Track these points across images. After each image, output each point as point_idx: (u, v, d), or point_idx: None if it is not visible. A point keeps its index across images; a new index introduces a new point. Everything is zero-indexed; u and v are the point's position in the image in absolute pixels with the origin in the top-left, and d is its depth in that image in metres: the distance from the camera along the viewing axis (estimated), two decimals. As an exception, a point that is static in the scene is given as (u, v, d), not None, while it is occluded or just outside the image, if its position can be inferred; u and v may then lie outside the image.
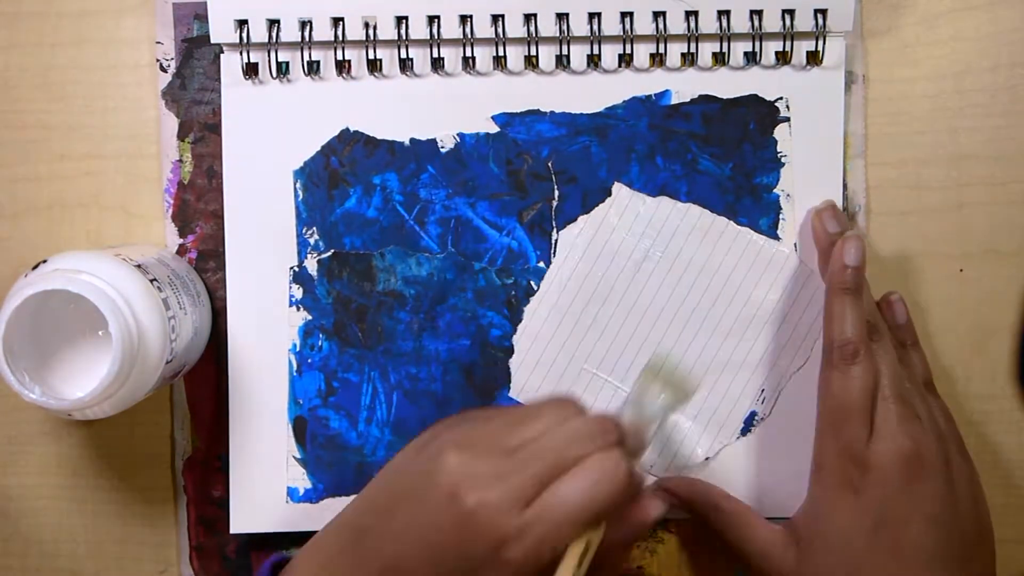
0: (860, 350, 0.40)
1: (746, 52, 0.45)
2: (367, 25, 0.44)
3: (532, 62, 0.45)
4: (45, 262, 0.39)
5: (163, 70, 0.46)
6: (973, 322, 0.47)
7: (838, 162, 0.46)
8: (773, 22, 0.44)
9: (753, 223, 0.46)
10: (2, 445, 0.47)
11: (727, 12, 0.44)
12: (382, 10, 0.44)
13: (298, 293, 0.46)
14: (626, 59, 0.45)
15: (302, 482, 0.46)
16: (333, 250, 0.46)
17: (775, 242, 0.46)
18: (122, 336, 0.37)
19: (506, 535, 0.33)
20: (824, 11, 0.44)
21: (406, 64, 0.45)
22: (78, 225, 0.46)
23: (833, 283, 0.42)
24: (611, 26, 0.44)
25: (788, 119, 0.46)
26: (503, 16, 0.44)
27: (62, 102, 0.46)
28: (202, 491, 0.47)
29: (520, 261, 0.46)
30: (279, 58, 0.45)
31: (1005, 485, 0.47)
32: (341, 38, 0.44)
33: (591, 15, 0.44)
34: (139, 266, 0.40)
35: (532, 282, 0.46)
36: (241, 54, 0.45)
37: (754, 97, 0.46)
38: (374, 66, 0.45)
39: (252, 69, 0.45)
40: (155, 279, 0.40)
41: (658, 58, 0.45)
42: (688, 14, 0.44)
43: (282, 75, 0.45)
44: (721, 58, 0.45)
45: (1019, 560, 0.47)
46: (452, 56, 0.45)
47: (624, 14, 0.44)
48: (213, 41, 0.44)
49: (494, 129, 0.46)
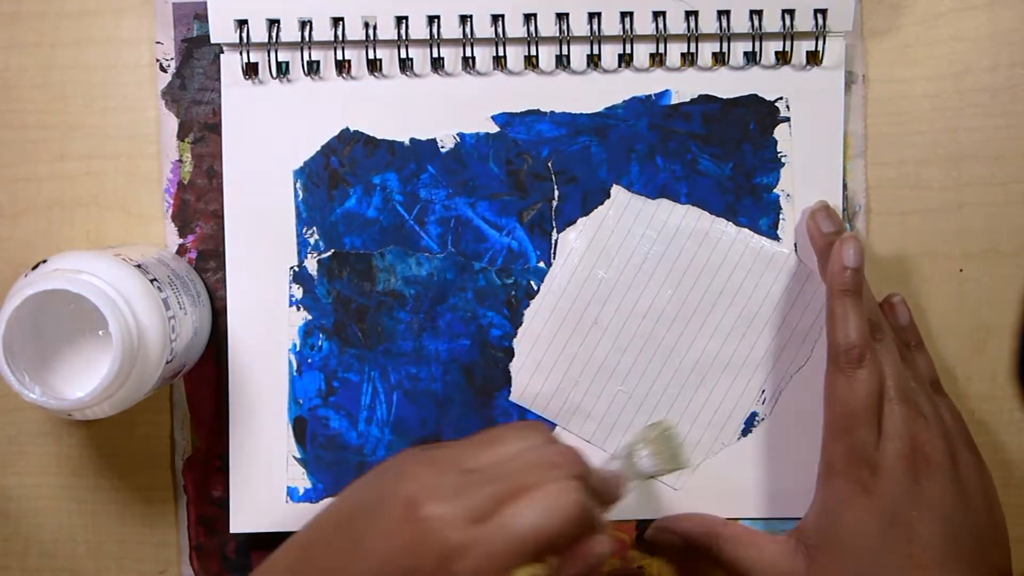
0: (865, 353, 0.40)
1: (746, 52, 0.45)
2: (367, 25, 0.44)
3: (532, 62, 0.45)
4: (45, 262, 0.39)
5: (163, 70, 0.46)
6: (973, 322, 0.47)
7: (838, 162, 0.46)
8: (773, 22, 0.44)
9: (753, 223, 0.46)
10: (2, 445, 0.47)
11: (727, 12, 0.44)
12: (382, 10, 0.44)
13: (298, 293, 0.46)
14: (626, 59, 0.45)
15: (302, 482, 0.46)
16: (333, 250, 0.46)
17: (775, 243, 0.46)
18: (122, 336, 0.37)
19: (455, 548, 0.33)
20: (824, 11, 0.44)
21: (406, 64, 0.45)
22: (78, 225, 0.46)
23: (834, 286, 0.42)
24: (611, 26, 0.44)
25: (788, 119, 0.46)
26: (503, 16, 0.44)
27: (62, 102, 0.46)
28: (202, 491, 0.47)
29: (520, 261, 0.46)
30: (279, 58, 0.45)
31: (1005, 485, 0.47)
32: (341, 38, 0.44)
33: (591, 15, 0.44)
34: (139, 266, 0.40)
35: (532, 282, 0.46)
36: (241, 54, 0.45)
37: (754, 97, 0.46)
38: (374, 66, 0.45)
39: (252, 69, 0.45)
40: (155, 279, 0.40)
41: (658, 58, 0.45)
42: (688, 14, 0.44)
43: (282, 75, 0.45)
44: (721, 58, 0.45)
45: (1022, 560, 0.47)
46: (452, 56, 0.45)
47: (624, 14, 0.44)
48: (213, 41, 0.44)
49: (494, 129, 0.46)
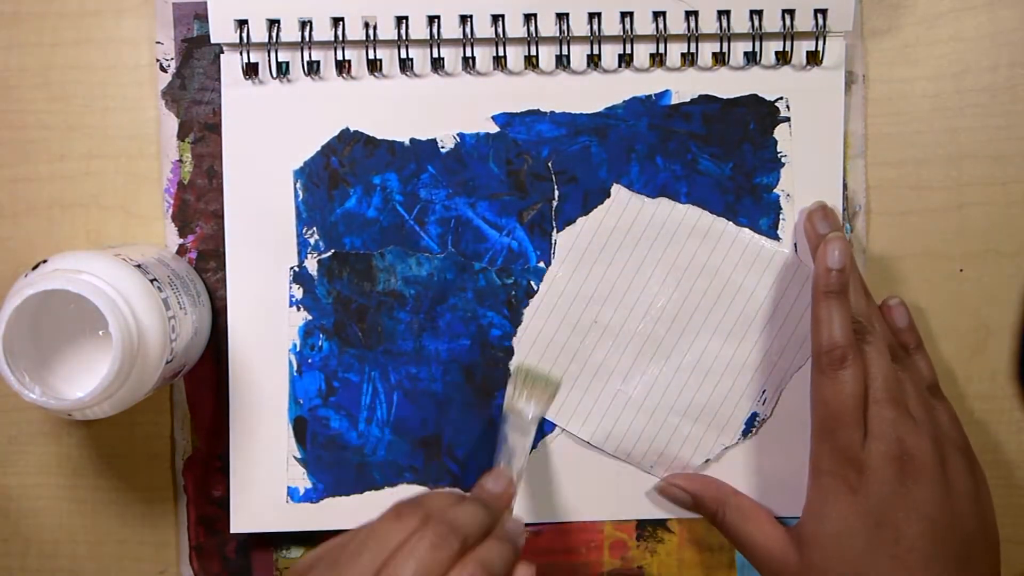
0: (848, 355, 0.40)
1: (746, 52, 0.45)
2: (367, 25, 0.44)
3: (532, 62, 0.45)
4: (45, 262, 0.39)
5: (163, 70, 0.46)
6: (973, 322, 0.47)
7: (838, 162, 0.46)
8: (773, 22, 0.44)
9: (753, 223, 0.46)
10: (2, 445, 0.47)
11: (727, 12, 0.44)
12: (382, 10, 0.44)
13: (298, 293, 0.46)
14: (626, 59, 0.45)
15: (302, 482, 0.46)
16: (333, 250, 0.46)
17: (775, 243, 0.46)
18: (122, 336, 0.37)
19: None
20: (824, 11, 0.44)
21: (406, 64, 0.45)
22: (78, 225, 0.46)
23: (817, 287, 0.42)
24: (611, 26, 0.44)
25: (788, 119, 0.46)
26: (503, 16, 0.44)
27: (62, 102, 0.46)
28: (202, 491, 0.47)
29: (520, 261, 0.46)
30: (279, 58, 0.45)
31: (1005, 485, 0.47)
32: (341, 38, 0.44)
33: (591, 15, 0.44)
34: (139, 266, 0.40)
35: (532, 282, 0.46)
36: (241, 54, 0.45)
37: (754, 97, 0.46)
38: (374, 66, 0.45)
39: (252, 69, 0.45)
40: (155, 279, 0.40)
41: (658, 58, 0.45)
42: (688, 14, 0.44)
43: (282, 75, 0.45)
44: (721, 58, 0.45)
45: (1020, 560, 0.47)
46: (452, 56, 0.45)
47: (624, 14, 0.44)
48: (213, 41, 0.44)
49: (494, 129, 0.46)
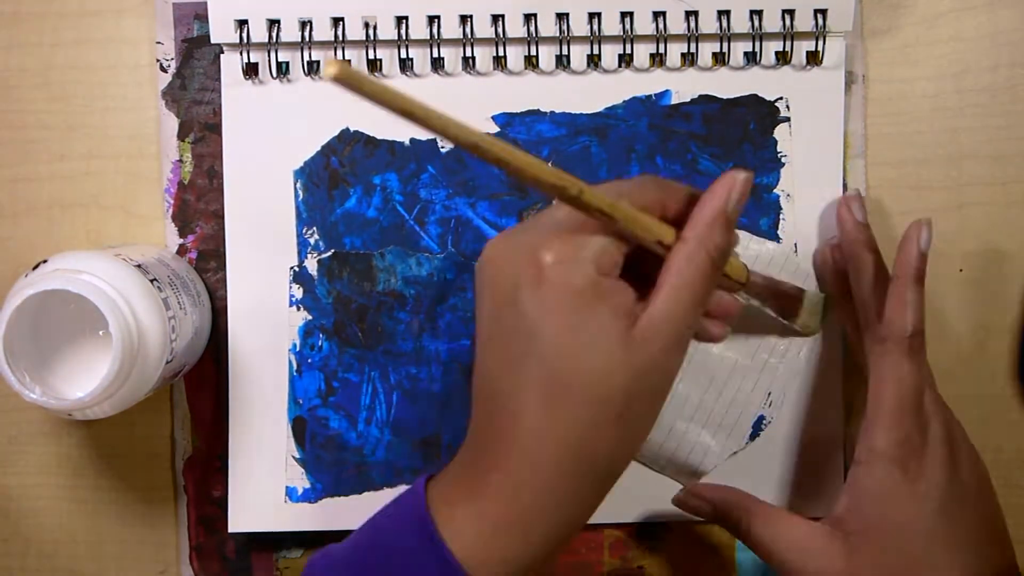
0: (925, 340, 0.40)
1: (746, 52, 0.45)
2: (367, 25, 0.44)
3: (532, 62, 0.45)
4: (45, 262, 0.39)
5: (163, 70, 0.46)
6: (973, 322, 0.47)
7: (838, 162, 0.46)
8: (773, 22, 0.44)
9: (753, 223, 0.46)
10: (2, 445, 0.47)
11: (727, 12, 0.44)
12: (382, 10, 0.44)
13: (298, 293, 0.46)
14: (626, 59, 0.45)
15: (301, 482, 0.46)
16: (333, 250, 0.46)
17: (775, 243, 0.46)
18: (122, 336, 0.37)
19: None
20: (824, 11, 0.44)
21: (406, 64, 0.45)
22: (78, 225, 0.46)
23: (906, 270, 0.40)
24: (611, 26, 0.44)
25: (788, 119, 0.46)
26: (503, 16, 0.44)
27: (62, 102, 0.46)
28: (202, 491, 0.47)
29: (520, 261, 0.46)
30: (279, 58, 0.45)
31: (1005, 485, 0.47)
32: (341, 38, 0.44)
33: (591, 15, 0.44)
34: (139, 266, 0.40)
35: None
36: (241, 54, 0.45)
37: (754, 97, 0.46)
38: (374, 66, 0.45)
39: (252, 69, 0.45)
40: (155, 279, 0.40)
41: (658, 58, 0.45)
42: (688, 14, 0.44)
43: (282, 75, 0.45)
44: (721, 58, 0.45)
45: (1020, 560, 0.47)
46: (452, 56, 0.45)
47: (624, 14, 0.44)
48: (213, 41, 0.44)
49: (494, 129, 0.46)
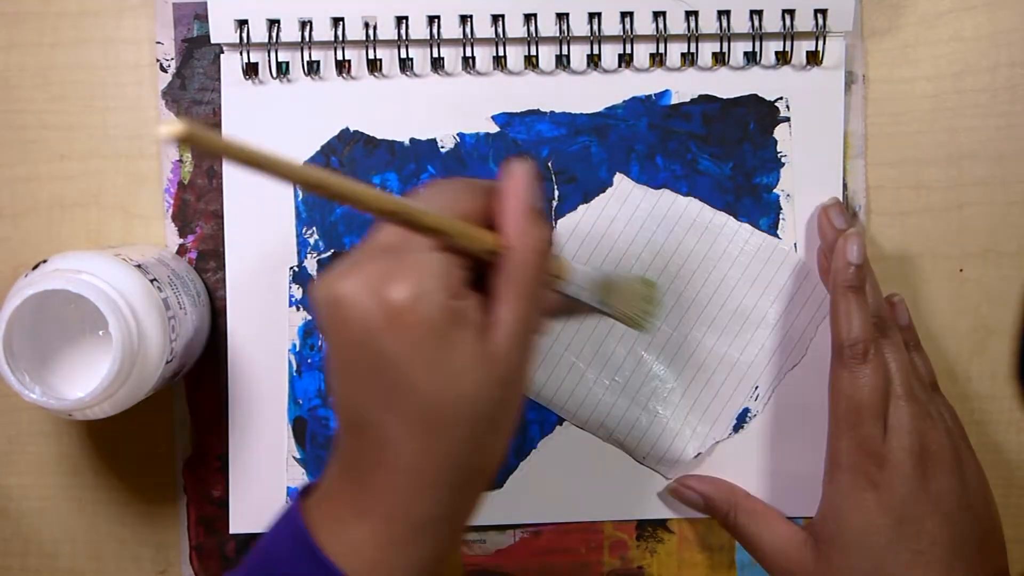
0: (870, 349, 0.40)
1: (746, 52, 0.45)
2: (367, 25, 0.44)
3: (532, 62, 0.45)
4: (45, 262, 0.39)
5: (163, 70, 0.46)
6: (973, 322, 0.47)
7: (838, 162, 0.46)
8: (773, 22, 0.44)
9: (753, 223, 0.46)
10: (2, 445, 0.47)
11: (727, 12, 0.44)
12: (382, 10, 0.44)
13: (298, 293, 0.46)
14: (626, 59, 0.45)
15: (302, 482, 0.46)
16: (333, 250, 0.46)
17: (775, 239, 0.46)
18: (122, 336, 0.37)
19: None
20: (824, 11, 0.44)
21: (406, 64, 0.45)
22: (78, 225, 0.46)
23: (837, 281, 0.42)
24: (611, 26, 0.44)
25: (788, 119, 0.46)
26: (503, 16, 0.44)
27: (62, 102, 0.46)
28: (202, 491, 0.47)
29: (520, 261, 0.46)
30: (279, 58, 0.45)
31: (1005, 485, 0.47)
32: (341, 38, 0.44)
33: (591, 15, 0.44)
34: (139, 266, 0.40)
35: (532, 282, 0.46)
36: (241, 54, 0.45)
37: (754, 97, 0.46)
38: (374, 66, 0.45)
39: (252, 69, 0.45)
40: (155, 279, 0.40)
41: (658, 58, 0.45)
42: (688, 14, 0.44)
43: (282, 75, 0.45)
44: (721, 58, 0.45)
45: (1020, 560, 0.47)
46: (452, 56, 0.45)
47: (624, 14, 0.44)
48: (213, 41, 0.44)
49: (494, 129, 0.46)
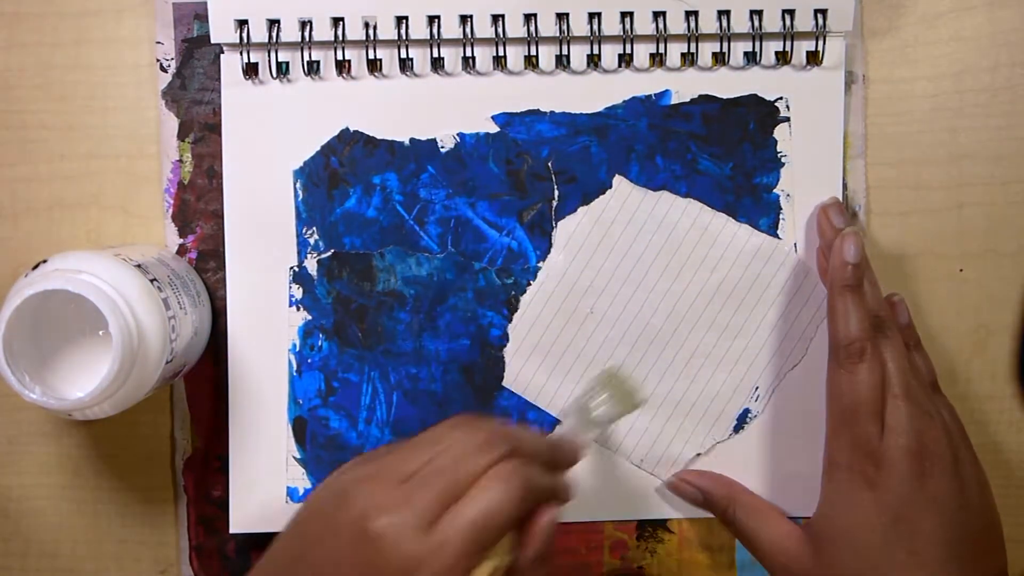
0: (866, 348, 0.40)
1: (746, 52, 0.45)
2: (367, 25, 0.44)
3: (532, 62, 0.45)
4: (45, 262, 0.39)
5: (163, 70, 0.46)
6: (973, 322, 0.47)
7: (838, 162, 0.46)
8: (773, 22, 0.44)
9: (753, 223, 0.46)
10: (2, 445, 0.47)
11: (727, 12, 0.44)
12: (382, 10, 0.44)
13: (298, 293, 0.46)
14: (626, 59, 0.45)
15: (302, 482, 0.46)
16: (333, 250, 0.46)
17: (775, 240, 0.46)
18: (122, 336, 0.37)
19: (412, 559, 0.32)
20: (824, 11, 0.44)
21: (406, 64, 0.45)
22: (78, 225, 0.46)
23: (835, 281, 0.42)
24: (611, 26, 0.44)
25: (788, 119, 0.46)
26: (503, 16, 0.44)
27: (62, 102, 0.46)
28: (202, 491, 0.47)
29: (520, 261, 0.46)
30: (279, 58, 0.45)
31: (1005, 485, 0.47)
32: (341, 38, 0.44)
33: (591, 15, 0.44)
34: (139, 266, 0.40)
35: (532, 282, 0.46)
36: (241, 54, 0.45)
37: (754, 97, 0.46)
38: (374, 66, 0.45)
39: (252, 69, 0.45)
40: (155, 279, 0.40)
41: (658, 58, 0.45)
42: (688, 14, 0.44)
43: (282, 75, 0.45)
44: (721, 58, 0.45)
45: (1020, 560, 0.47)
46: (452, 56, 0.45)
47: (624, 14, 0.44)
48: (213, 41, 0.44)
49: (494, 129, 0.46)
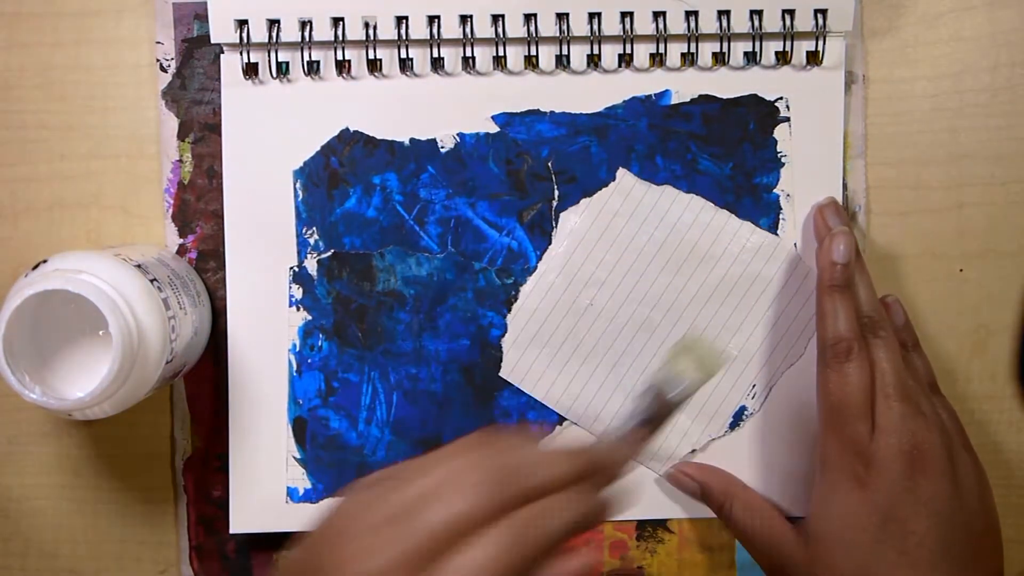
0: (853, 347, 0.40)
1: (746, 52, 0.45)
2: (367, 25, 0.44)
3: (532, 62, 0.45)
4: (45, 262, 0.39)
5: (163, 70, 0.46)
6: (973, 322, 0.47)
7: (838, 162, 0.46)
8: (773, 22, 0.44)
9: (753, 223, 0.46)
10: (2, 445, 0.47)
11: (727, 12, 0.44)
12: (382, 10, 0.44)
13: (298, 293, 0.46)
14: (626, 59, 0.45)
15: (302, 482, 0.46)
16: (333, 250, 0.46)
17: (776, 238, 0.46)
18: (122, 336, 0.37)
19: None
20: (824, 11, 0.44)
21: (406, 64, 0.45)
22: (78, 225, 0.46)
23: (822, 280, 0.42)
24: (611, 26, 0.44)
25: (788, 119, 0.46)
26: (503, 16, 0.44)
27: (62, 102, 0.46)
28: (202, 491, 0.47)
29: (520, 261, 0.46)
30: (279, 58, 0.45)
31: (1005, 485, 0.47)
32: (341, 38, 0.44)
33: (591, 15, 0.44)
34: (139, 266, 0.40)
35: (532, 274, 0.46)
36: (241, 54, 0.45)
37: (754, 97, 0.46)
38: (374, 66, 0.45)
39: (252, 69, 0.45)
40: (155, 279, 0.40)
41: (658, 58, 0.45)
42: (688, 14, 0.44)
43: (282, 75, 0.45)
44: (721, 58, 0.45)
45: (1020, 560, 0.47)
46: (452, 56, 0.45)
47: (624, 14, 0.44)
48: (213, 41, 0.44)
49: (494, 129, 0.46)
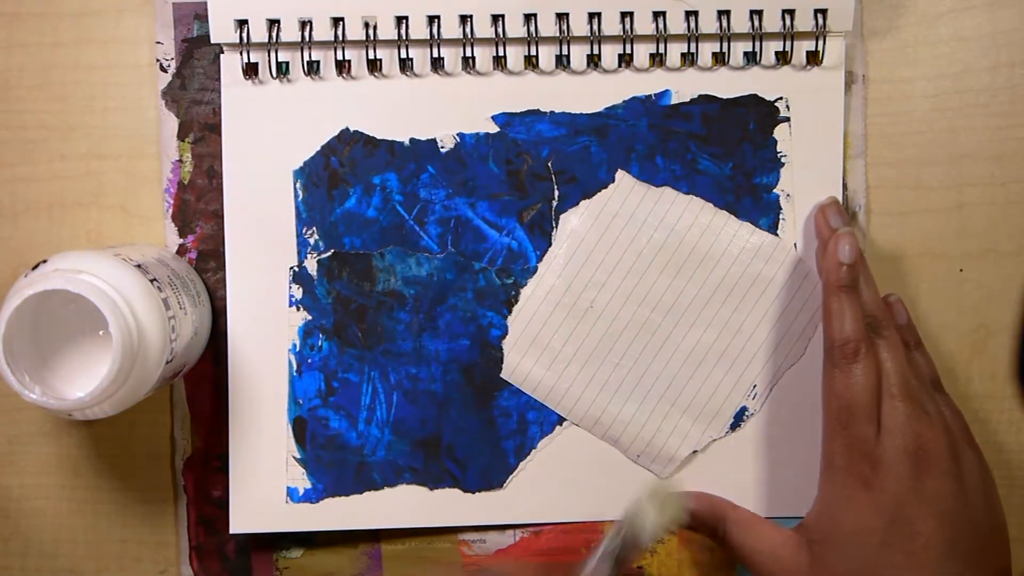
0: (860, 348, 0.40)
1: (746, 52, 0.45)
2: (367, 25, 0.44)
3: (532, 62, 0.45)
4: (45, 262, 0.39)
5: (163, 70, 0.46)
6: (973, 322, 0.47)
7: (838, 162, 0.46)
8: (773, 22, 0.44)
9: (753, 223, 0.46)
10: (2, 445, 0.47)
11: (727, 12, 0.44)
12: (382, 10, 0.44)
13: (298, 293, 0.46)
14: (626, 59, 0.45)
15: (302, 482, 0.46)
16: (333, 250, 0.46)
17: (776, 238, 0.46)
18: (122, 336, 0.37)
19: None
20: (824, 11, 0.44)
21: (406, 64, 0.45)
22: (78, 225, 0.46)
23: (829, 281, 0.42)
24: (611, 26, 0.44)
25: (788, 119, 0.46)
26: (503, 16, 0.44)
27: (62, 102, 0.46)
28: (202, 491, 0.47)
29: (520, 261, 0.46)
30: (279, 58, 0.45)
31: (1006, 485, 0.47)
32: (341, 38, 0.44)
33: (591, 15, 0.44)
34: (139, 266, 0.40)
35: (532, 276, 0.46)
36: (241, 54, 0.45)
37: (754, 97, 0.46)
38: (374, 66, 0.45)
39: (252, 69, 0.45)
40: (155, 279, 0.40)
41: (658, 58, 0.45)
42: (688, 14, 0.44)
43: (282, 75, 0.45)
44: (721, 58, 0.45)
45: (1021, 560, 0.47)
46: (452, 56, 0.45)
47: (624, 14, 0.44)
48: (213, 41, 0.44)
49: (494, 129, 0.46)
